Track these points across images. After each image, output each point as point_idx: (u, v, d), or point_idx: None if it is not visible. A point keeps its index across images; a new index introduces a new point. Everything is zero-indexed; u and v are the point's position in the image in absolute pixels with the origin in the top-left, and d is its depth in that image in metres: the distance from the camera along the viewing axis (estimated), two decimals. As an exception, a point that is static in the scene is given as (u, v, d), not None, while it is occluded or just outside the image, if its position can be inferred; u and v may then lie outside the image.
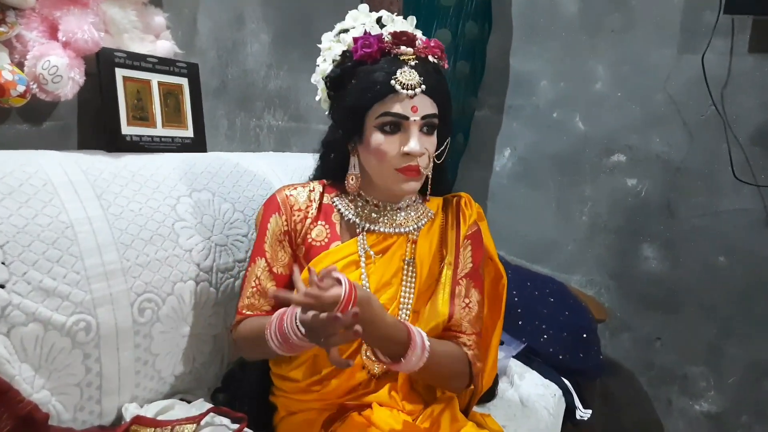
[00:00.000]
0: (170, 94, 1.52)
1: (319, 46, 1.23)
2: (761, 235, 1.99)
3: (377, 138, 1.13)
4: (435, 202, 1.28)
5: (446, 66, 1.20)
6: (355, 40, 1.15)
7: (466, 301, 1.20)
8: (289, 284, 1.20)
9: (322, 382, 1.17)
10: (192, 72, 1.57)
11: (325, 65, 1.20)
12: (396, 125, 1.12)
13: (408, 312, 1.17)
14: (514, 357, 1.68)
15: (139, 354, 1.21)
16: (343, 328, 0.91)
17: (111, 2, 1.41)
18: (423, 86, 1.11)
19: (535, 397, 1.53)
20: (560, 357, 1.74)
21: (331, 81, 1.19)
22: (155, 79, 1.48)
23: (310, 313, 0.91)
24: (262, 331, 1.05)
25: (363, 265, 1.18)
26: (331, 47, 1.19)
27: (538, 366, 1.68)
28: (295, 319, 0.97)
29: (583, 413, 1.64)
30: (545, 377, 1.64)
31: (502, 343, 1.68)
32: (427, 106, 1.13)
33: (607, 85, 2.20)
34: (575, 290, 2.06)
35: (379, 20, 1.19)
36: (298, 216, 1.22)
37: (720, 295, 2.05)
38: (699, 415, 2.13)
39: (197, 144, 1.56)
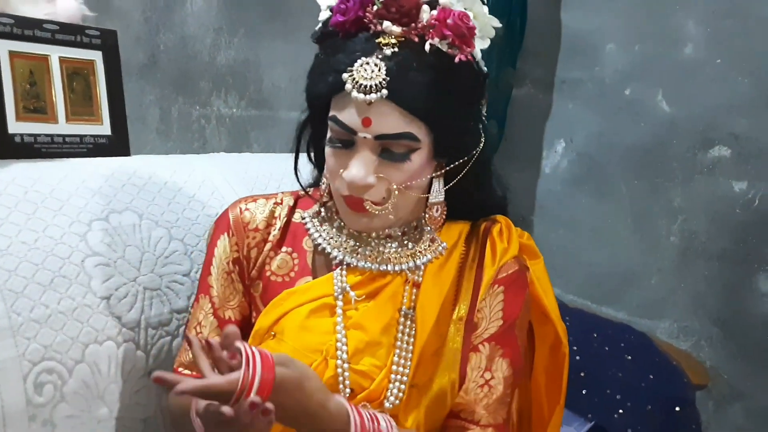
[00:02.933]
0: (77, 75, 1.53)
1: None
2: None
3: (327, 148, 1.15)
4: (456, 230, 1.26)
5: (465, 57, 1.10)
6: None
7: (487, 376, 1.18)
8: (247, 333, 1.20)
9: None
10: (108, 43, 1.58)
11: (323, 14, 1.18)
12: (346, 139, 1.12)
13: (403, 386, 1.14)
14: (577, 441, 1.68)
15: (36, 449, 1.21)
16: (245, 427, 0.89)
17: (-9, -53, 1.42)
18: (384, 91, 1.06)
19: (609, 500, 1.53)
20: (644, 440, 1.74)
21: (316, 43, 1.19)
22: (56, 53, 1.49)
23: (202, 403, 0.90)
24: (188, 405, 1.03)
25: (340, 311, 1.17)
26: None
27: (611, 454, 1.68)
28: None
29: None
30: (622, 471, 1.64)
31: (558, 422, 1.69)
32: (389, 122, 1.09)
33: (701, 48, 2.21)
34: (663, 344, 2.06)
35: None
36: (253, 239, 1.24)
37: None
38: None
39: (117, 144, 1.57)
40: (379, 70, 1.06)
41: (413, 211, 1.20)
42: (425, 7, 1.09)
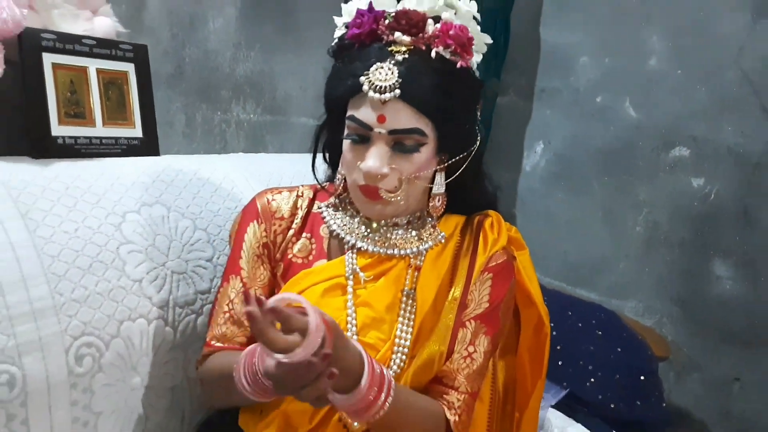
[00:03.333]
0: (112, 84, 1.52)
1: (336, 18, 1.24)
2: None
3: (345, 144, 1.16)
4: (453, 222, 1.26)
5: (466, 64, 1.14)
6: (357, 13, 1.15)
7: (470, 349, 1.18)
8: None
9: None
10: (140, 56, 1.57)
11: (338, 32, 1.21)
12: (362, 135, 1.13)
13: (404, 357, 1.16)
14: (553, 407, 1.68)
15: (77, 413, 1.20)
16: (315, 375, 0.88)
17: (36, -29, 1.42)
18: (397, 91, 1.08)
19: (582, 458, 1.53)
20: (612, 406, 1.74)
21: (332, 54, 1.20)
22: (93, 65, 1.48)
23: (271, 362, 0.88)
24: (230, 370, 1.04)
25: (350, 290, 1.18)
26: (347, 10, 1.19)
27: (583, 418, 1.67)
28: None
29: (642, 477, 1.64)
30: (593, 431, 1.64)
31: (537, 390, 1.69)
32: (400, 119, 1.10)
33: (663, 60, 2.21)
34: (629, 321, 2.06)
35: None
36: (280, 226, 1.24)
37: (814, 323, 2.05)
38: (791, 477, 2.13)
39: (147, 146, 1.57)
40: (392, 73, 1.08)
41: (419, 200, 1.21)
42: (430, 21, 1.12)
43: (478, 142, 1.23)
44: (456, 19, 1.14)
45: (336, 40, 1.19)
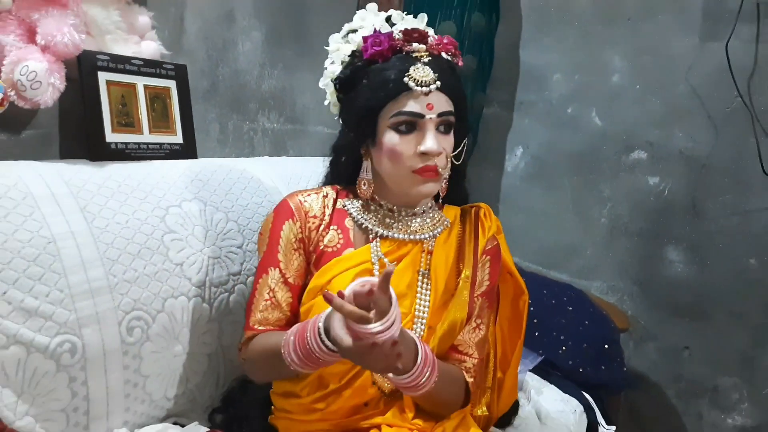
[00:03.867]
0: (157, 98, 1.52)
1: (326, 48, 1.23)
2: (795, 234, 1.98)
3: (392, 138, 1.14)
4: (452, 211, 1.28)
5: (461, 63, 1.21)
6: (365, 39, 1.16)
7: (478, 321, 1.21)
8: (302, 294, 1.21)
9: (326, 398, 1.16)
10: (180, 74, 1.57)
11: (333, 67, 1.21)
12: (411, 124, 1.13)
13: (423, 327, 1.17)
14: (530, 371, 1.68)
15: (128, 376, 1.21)
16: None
17: (92, 2, 1.41)
18: (438, 83, 1.12)
19: (555, 414, 1.52)
20: (580, 370, 1.73)
21: (340, 83, 1.20)
22: (141, 82, 1.49)
23: (347, 339, 0.93)
24: (277, 348, 1.05)
25: (376, 273, 1.16)
26: (340, 48, 1.21)
27: (556, 380, 1.68)
28: (319, 333, 0.98)
29: (606, 430, 1.63)
30: (565, 392, 1.63)
31: (516, 356, 1.69)
32: (442, 104, 1.14)
33: (624, 77, 2.20)
34: (595, 298, 2.05)
35: (388, 19, 1.21)
36: (313, 223, 1.22)
37: (752, 300, 2.05)
38: (732, 430, 2.12)
39: (187, 150, 1.57)
40: (429, 71, 1.13)
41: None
42: (431, 32, 1.19)
43: (467, 137, 1.26)
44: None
45: (343, 70, 1.19)
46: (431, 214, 1.25)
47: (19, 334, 1.06)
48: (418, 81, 1.11)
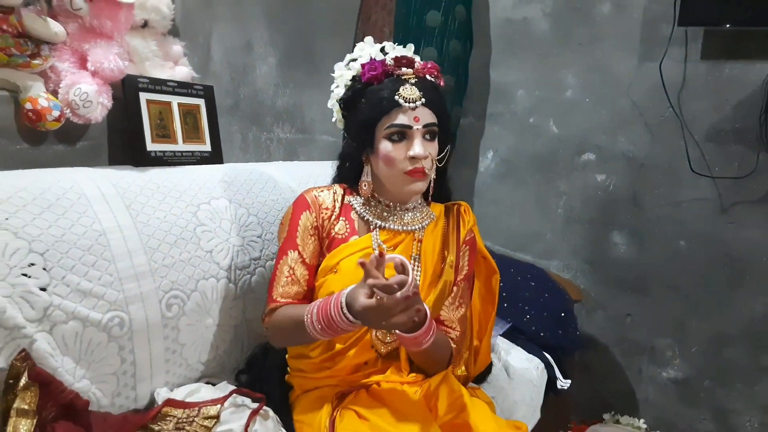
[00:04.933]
0: (189, 114, 1.51)
1: (332, 74, 1.26)
2: (716, 221, 1.98)
3: (386, 146, 1.16)
4: (438, 208, 1.29)
5: (442, 83, 1.22)
6: (363, 66, 1.19)
7: (460, 301, 1.23)
8: (316, 272, 1.22)
9: (334, 358, 1.18)
10: (208, 93, 1.57)
11: (338, 90, 1.24)
12: (402, 134, 1.15)
13: None
14: (501, 335, 1.68)
15: (168, 344, 1.21)
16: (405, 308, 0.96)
17: (133, 34, 1.41)
18: (423, 99, 1.14)
19: (521, 371, 1.53)
20: (542, 334, 1.74)
21: (344, 103, 1.22)
22: (175, 100, 1.48)
23: (368, 301, 0.94)
24: (300, 318, 1.05)
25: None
26: (343, 74, 1.23)
27: (522, 343, 1.68)
28: (342, 307, 0.99)
29: (563, 383, 1.64)
30: (529, 352, 1.64)
31: (489, 324, 1.69)
32: (427, 117, 1.15)
33: (576, 92, 2.19)
34: (554, 275, 2.05)
35: (383, 49, 1.23)
36: (326, 213, 1.23)
37: (682, 275, 2.05)
38: (666, 382, 2.13)
39: (214, 157, 1.56)
40: (415, 90, 1.15)
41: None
42: (417, 59, 1.20)
43: (450, 144, 1.25)
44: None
45: (345, 92, 1.22)
46: (420, 210, 1.26)
47: (77, 312, 1.05)
48: (406, 98, 1.13)
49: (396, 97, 1.13)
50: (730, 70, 1.91)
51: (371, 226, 1.22)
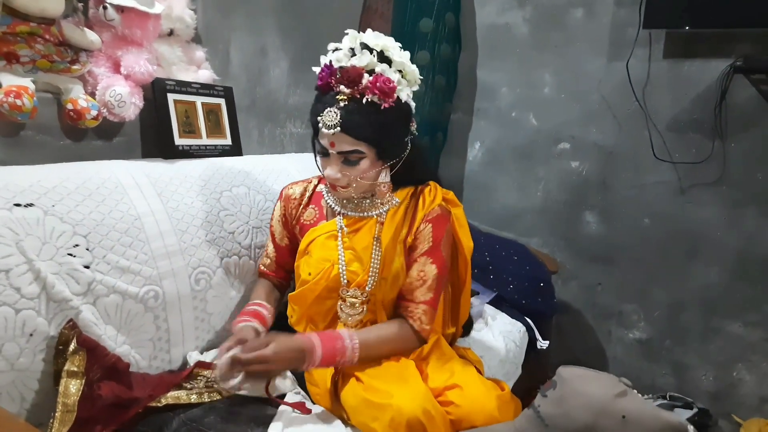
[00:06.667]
0: (211, 112, 1.50)
1: None
2: (676, 201, 1.97)
3: (319, 157, 1.13)
4: (405, 191, 1.19)
5: (386, 105, 1.04)
6: (323, 68, 1.08)
7: (421, 274, 1.13)
8: (288, 252, 1.26)
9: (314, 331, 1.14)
10: (228, 94, 1.55)
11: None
12: (325, 152, 1.09)
13: (375, 278, 1.13)
14: (488, 303, 1.69)
15: (197, 314, 1.21)
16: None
17: (161, 41, 1.39)
18: (339, 128, 1.03)
19: (505, 333, 1.53)
20: (523, 301, 1.74)
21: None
22: (199, 100, 1.46)
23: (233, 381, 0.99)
24: (258, 297, 1.23)
25: (340, 239, 1.16)
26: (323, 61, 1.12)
27: (506, 309, 1.68)
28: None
29: (542, 344, 1.64)
30: (512, 318, 1.64)
31: (477, 293, 1.69)
32: (344, 143, 1.05)
33: (553, 89, 2.17)
34: (534, 250, 2.05)
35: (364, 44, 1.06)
36: (294, 204, 1.25)
37: (646, 249, 2.05)
38: (632, 342, 2.14)
39: (234, 150, 1.55)
40: (336, 116, 1.04)
41: (371, 187, 1.15)
42: (366, 75, 1.04)
43: (408, 149, 1.14)
44: (390, 69, 1.05)
45: (315, 89, 1.12)
46: (381, 197, 1.16)
47: (117, 286, 1.06)
48: (325, 123, 1.04)
49: (318, 118, 1.05)
50: (689, 67, 1.89)
51: (336, 212, 1.19)
